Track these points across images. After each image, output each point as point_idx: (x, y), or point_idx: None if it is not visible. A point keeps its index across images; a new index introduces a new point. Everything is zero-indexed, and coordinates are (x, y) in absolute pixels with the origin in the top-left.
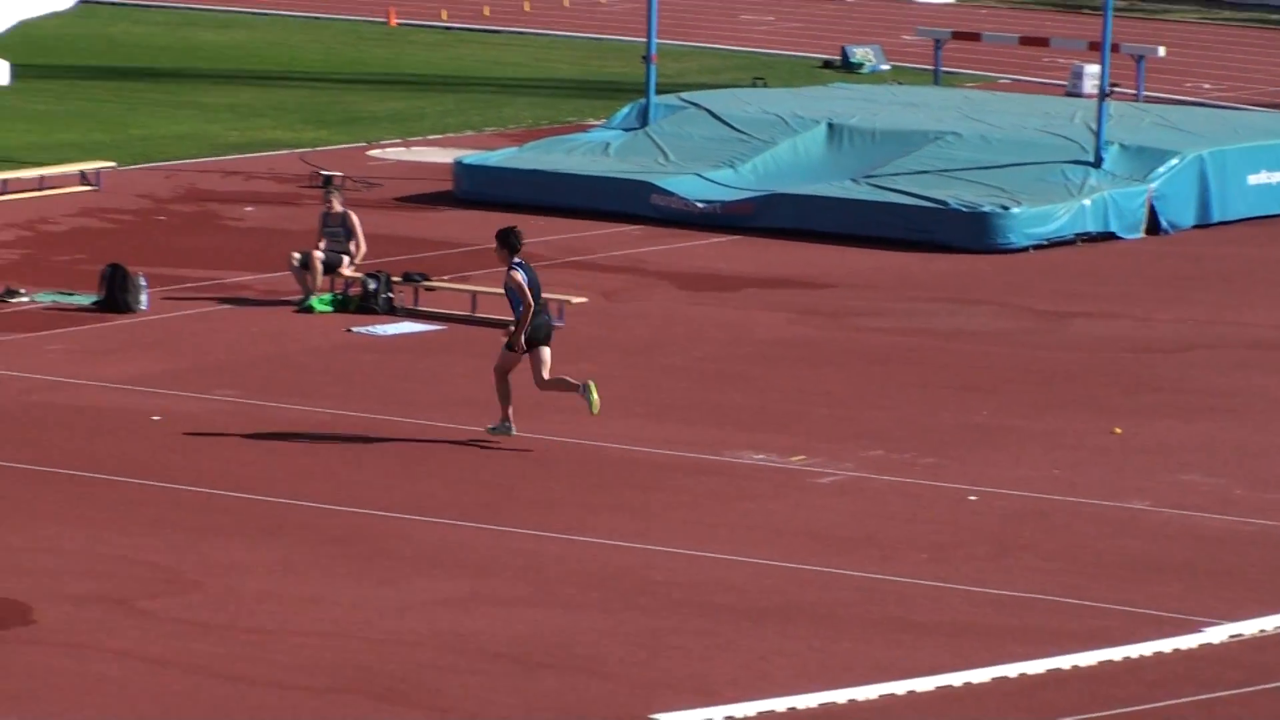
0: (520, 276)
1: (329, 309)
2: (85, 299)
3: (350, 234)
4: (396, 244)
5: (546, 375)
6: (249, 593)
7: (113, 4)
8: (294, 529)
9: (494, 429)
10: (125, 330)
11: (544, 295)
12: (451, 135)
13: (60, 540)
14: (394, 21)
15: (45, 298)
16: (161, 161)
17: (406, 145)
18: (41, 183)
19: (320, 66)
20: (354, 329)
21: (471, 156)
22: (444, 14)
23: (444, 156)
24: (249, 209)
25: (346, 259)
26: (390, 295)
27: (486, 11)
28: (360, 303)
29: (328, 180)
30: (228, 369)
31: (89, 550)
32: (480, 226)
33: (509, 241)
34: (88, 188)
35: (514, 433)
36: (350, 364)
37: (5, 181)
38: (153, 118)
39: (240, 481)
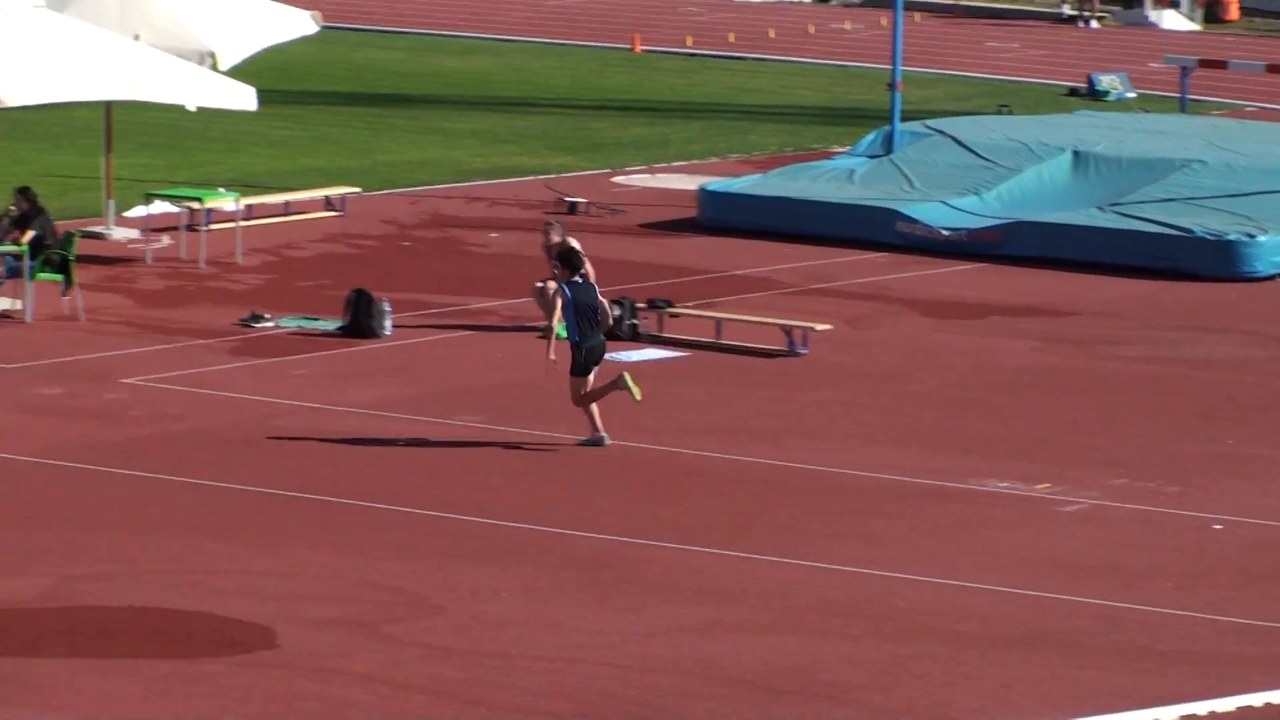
0: (567, 293)
1: None
2: (330, 324)
3: None
4: (641, 270)
5: (585, 390)
6: (492, 617)
7: (357, 30)
8: (538, 554)
9: (585, 443)
10: (369, 355)
11: (786, 321)
12: (696, 161)
13: (304, 564)
14: (639, 48)
15: (290, 323)
16: (406, 187)
17: (651, 171)
18: (287, 208)
19: (565, 92)
20: None
21: (716, 183)
22: (689, 40)
23: (688, 183)
24: (493, 235)
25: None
26: (635, 321)
27: (731, 38)
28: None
29: (573, 206)
30: (471, 394)
31: (333, 574)
32: (725, 253)
33: (570, 261)
34: (332, 213)
35: (608, 443)
36: None
37: (251, 207)
38: (397, 143)
39: (484, 506)
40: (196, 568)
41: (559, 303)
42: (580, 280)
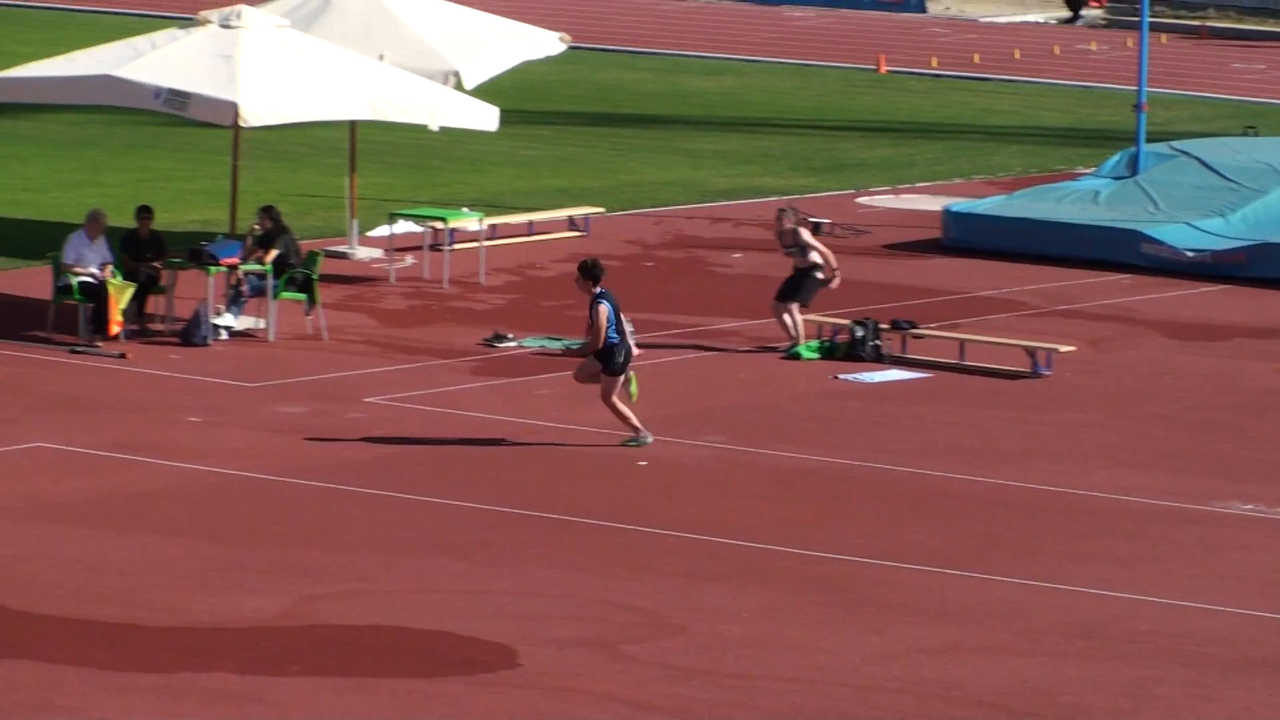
0: (605, 309)
1: (816, 356)
2: (572, 344)
3: (804, 249)
4: (884, 291)
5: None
6: (733, 638)
7: (603, 50)
8: (779, 575)
9: (628, 443)
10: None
11: (1029, 343)
12: (940, 182)
13: (545, 584)
14: (884, 68)
15: (533, 343)
16: (649, 208)
17: (895, 193)
18: (530, 228)
19: (810, 113)
20: (841, 376)
21: (960, 204)
22: (934, 61)
23: (932, 204)
24: (736, 256)
25: (819, 275)
26: (878, 342)
27: (976, 59)
28: (847, 349)
29: (816, 227)
30: (714, 415)
31: (574, 594)
32: (968, 274)
33: (593, 273)
34: (576, 233)
35: (650, 440)
36: (837, 411)
37: (495, 227)
38: (641, 164)
39: (725, 527)
40: (437, 587)
41: (599, 331)
42: (605, 289)
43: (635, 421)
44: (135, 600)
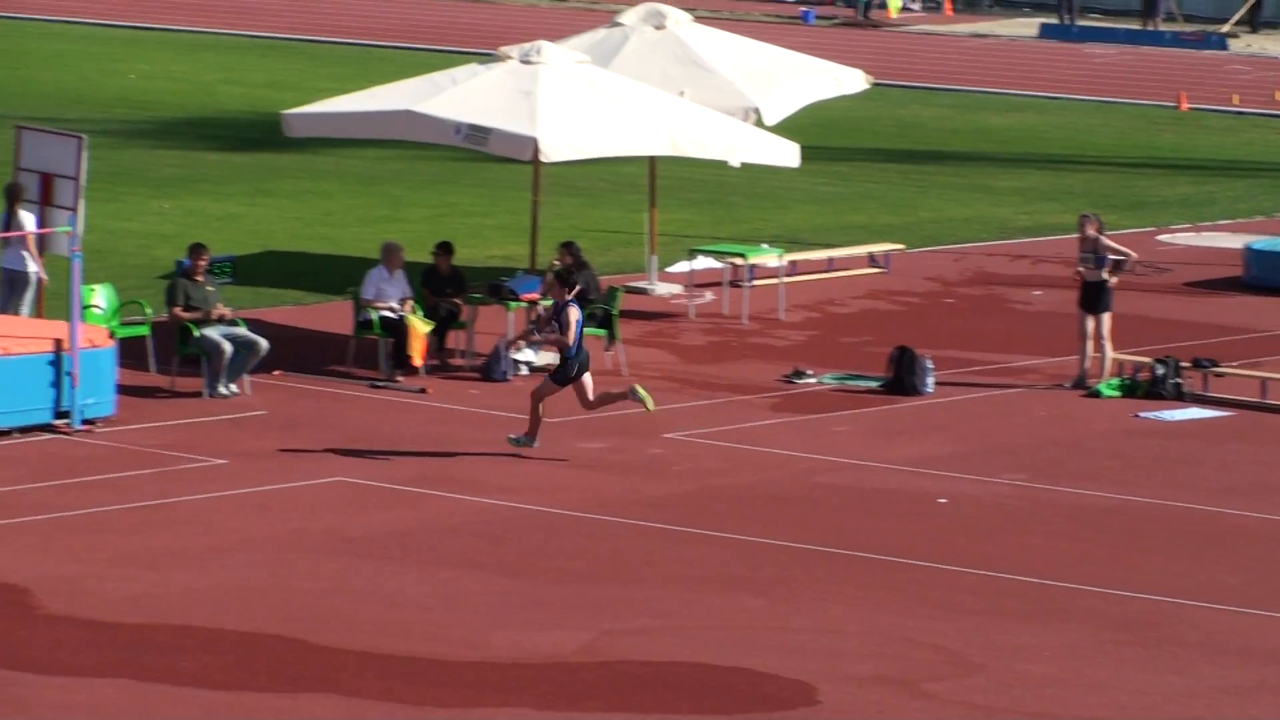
0: (576, 312)
1: (1116, 393)
2: (872, 381)
3: (1101, 260)
4: (1185, 329)
5: (591, 398)
6: (1034, 677)
7: (903, 87)
8: (1081, 613)
9: (517, 440)
10: (911, 412)
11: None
12: (1242, 220)
13: (844, 621)
14: (1185, 106)
15: (832, 379)
16: (949, 244)
17: (1196, 230)
18: (830, 264)
19: (1109, 150)
20: (1141, 414)
21: (1262, 242)
22: (1235, 98)
23: (1234, 242)
24: (1037, 293)
25: (1105, 274)
26: (1179, 380)
27: (1278, 96)
28: (1148, 388)
29: (1117, 265)
30: (1014, 452)
31: (873, 631)
32: (1271, 312)
33: (569, 280)
34: (876, 270)
35: (536, 445)
36: (1137, 449)
37: (795, 263)
38: (941, 200)
39: (1026, 565)
40: (736, 623)
41: (571, 318)
42: (576, 299)
43: (536, 428)
44: (434, 635)
